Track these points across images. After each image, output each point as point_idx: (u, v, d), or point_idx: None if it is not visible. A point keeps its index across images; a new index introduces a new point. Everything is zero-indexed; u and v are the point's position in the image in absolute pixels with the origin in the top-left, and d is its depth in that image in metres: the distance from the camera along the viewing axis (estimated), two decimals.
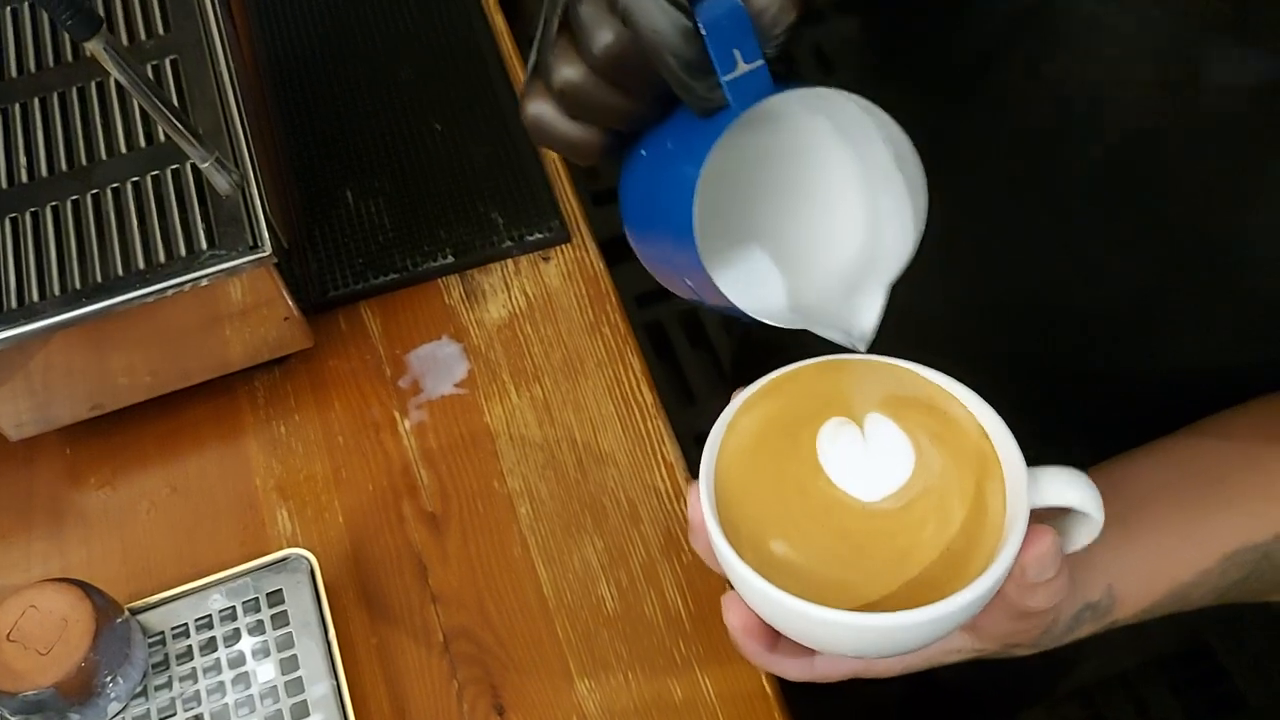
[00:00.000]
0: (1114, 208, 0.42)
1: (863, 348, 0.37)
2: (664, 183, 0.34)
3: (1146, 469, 0.42)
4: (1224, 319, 0.42)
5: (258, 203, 0.55)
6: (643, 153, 0.35)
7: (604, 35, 0.30)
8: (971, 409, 0.37)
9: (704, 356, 1.46)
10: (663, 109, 0.34)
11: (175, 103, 0.57)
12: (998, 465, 0.36)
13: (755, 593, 0.35)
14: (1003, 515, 0.35)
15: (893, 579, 0.35)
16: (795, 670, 0.40)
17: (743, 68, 0.31)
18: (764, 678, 0.53)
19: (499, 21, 0.75)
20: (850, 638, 0.34)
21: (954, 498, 0.36)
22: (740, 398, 0.38)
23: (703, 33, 0.30)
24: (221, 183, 0.53)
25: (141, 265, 0.54)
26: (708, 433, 0.38)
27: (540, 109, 0.33)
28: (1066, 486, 0.35)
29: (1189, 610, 0.42)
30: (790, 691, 0.53)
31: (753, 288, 0.38)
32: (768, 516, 0.36)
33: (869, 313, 0.37)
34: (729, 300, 0.34)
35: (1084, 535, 0.37)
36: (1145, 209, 0.41)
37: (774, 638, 0.38)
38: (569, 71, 0.31)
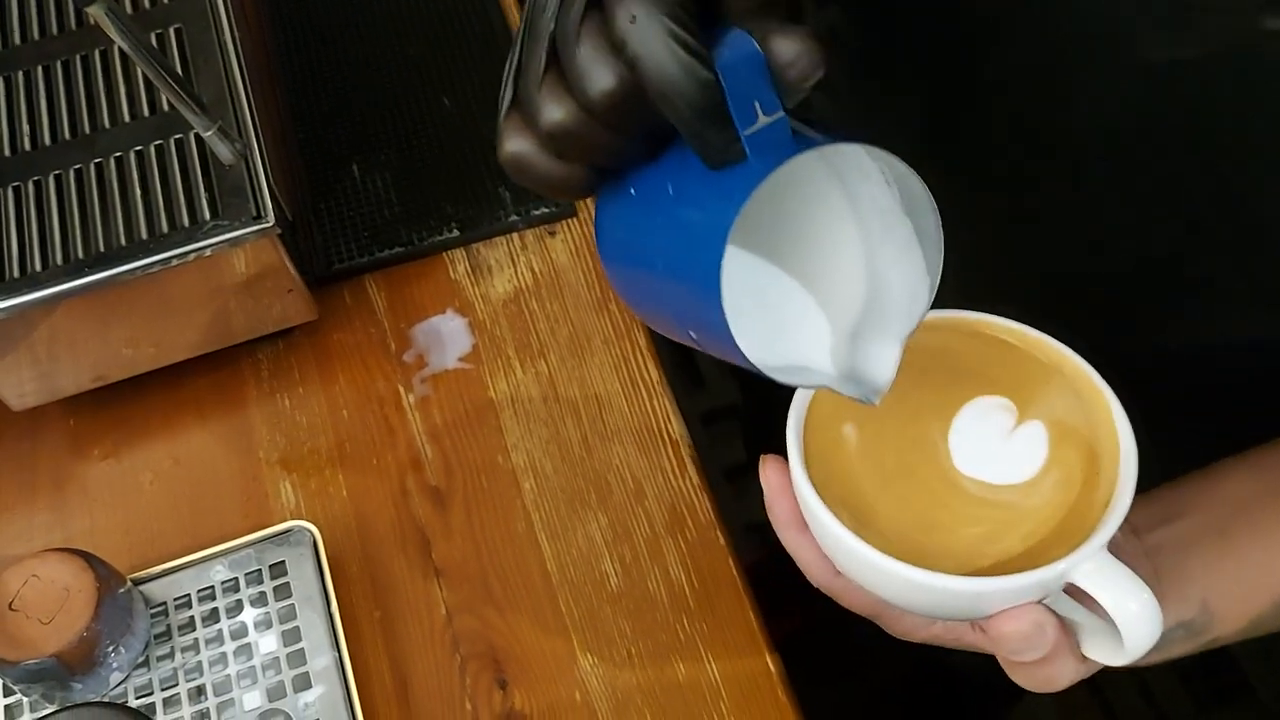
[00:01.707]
0: (1130, 173, 0.42)
1: (877, 401, 0.35)
2: (670, 233, 0.31)
3: (1244, 475, 0.40)
4: (1248, 281, 0.41)
5: (261, 173, 0.55)
6: (631, 190, 0.33)
7: (604, 79, 0.28)
8: (1121, 467, 0.35)
9: None
10: (653, 145, 0.31)
11: (179, 71, 0.56)
12: (1084, 535, 0.34)
13: (800, 493, 0.35)
14: (1051, 569, 0.33)
15: (922, 542, 0.35)
16: (816, 570, 0.38)
17: (762, 120, 0.28)
18: (768, 658, 0.53)
19: None
20: (862, 570, 0.34)
21: (1021, 531, 0.34)
22: (936, 314, 0.36)
23: (720, 81, 0.28)
24: (224, 152, 0.53)
25: (144, 235, 0.54)
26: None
27: (521, 148, 0.30)
28: (1120, 593, 0.32)
29: None
30: (795, 672, 0.53)
31: (761, 339, 0.34)
32: (856, 428, 0.36)
33: (883, 368, 0.34)
34: (749, 362, 0.31)
35: (1107, 653, 0.34)
36: (1162, 172, 0.40)
37: (804, 522, 0.37)
38: (560, 113, 0.29)
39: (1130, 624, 0.32)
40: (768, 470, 0.37)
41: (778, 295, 0.35)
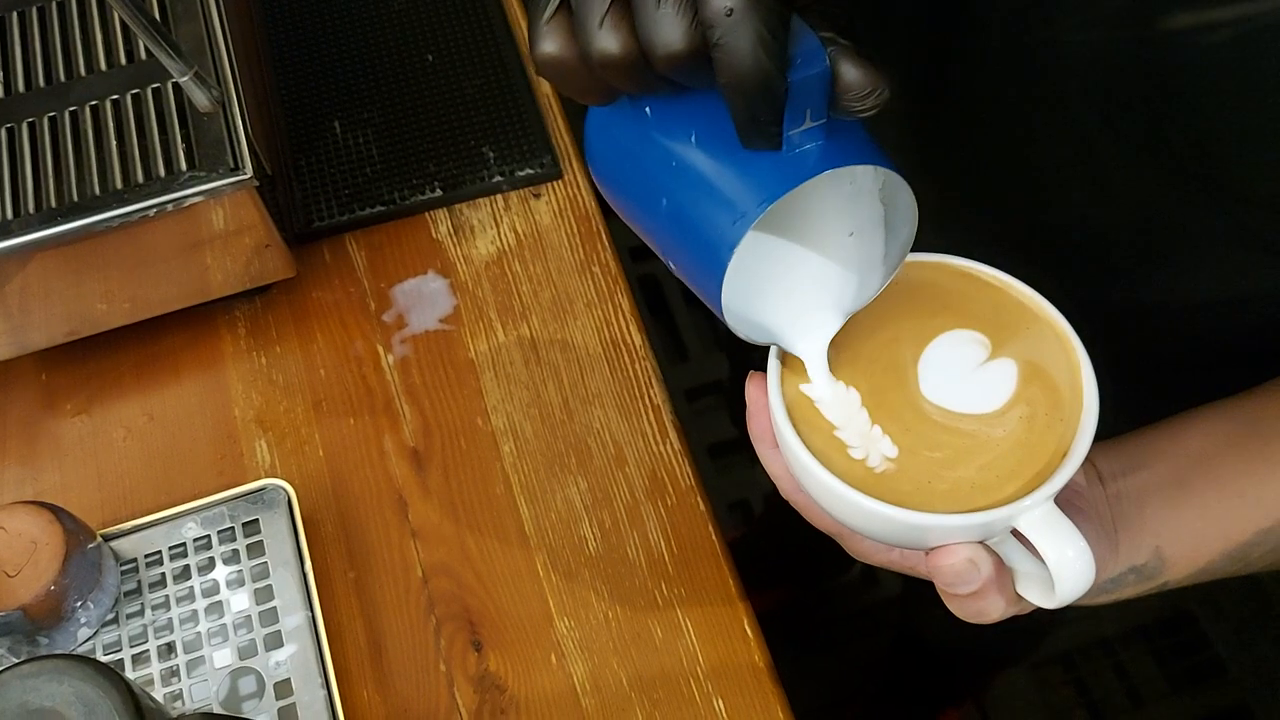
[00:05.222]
0: (1117, 121, 0.41)
1: (809, 372, 0.36)
2: (685, 182, 0.32)
3: (1207, 427, 0.40)
4: (1224, 236, 0.41)
5: (239, 124, 0.53)
6: (646, 110, 0.33)
7: (677, 43, 0.28)
8: (1082, 422, 0.35)
9: (698, 314, 1.44)
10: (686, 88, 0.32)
11: (156, 15, 0.55)
12: (1037, 477, 0.34)
13: (772, 412, 0.36)
14: (995, 513, 0.34)
15: (882, 464, 0.35)
16: (785, 484, 0.39)
17: (808, 123, 0.30)
18: (746, 624, 0.53)
19: None
20: (820, 493, 0.35)
21: (978, 462, 0.35)
22: (924, 256, 0.38)
23: (788, 87, 0.29)
24: (201, 98, 0.52)
25: (119, 185, 0.53)
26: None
27: (562, 54, 0.30)
28: (1059, 542, 0.33)
29: (1254, 572, 0.40)
30: (774, 644, 0.53)
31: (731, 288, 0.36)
32: (835, 351, 0.37)
33: (818, 335, 0.37)
34: (720, 311, 0.33)
35: (1040, 596, 0.35)
36: (1148, 124, 0.40)
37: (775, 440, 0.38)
38: (615, 49, 0.28)
39: (1064, 571, 0.33)
40: (750, 387, 0.38)
41: (753, 253, 0.37)
